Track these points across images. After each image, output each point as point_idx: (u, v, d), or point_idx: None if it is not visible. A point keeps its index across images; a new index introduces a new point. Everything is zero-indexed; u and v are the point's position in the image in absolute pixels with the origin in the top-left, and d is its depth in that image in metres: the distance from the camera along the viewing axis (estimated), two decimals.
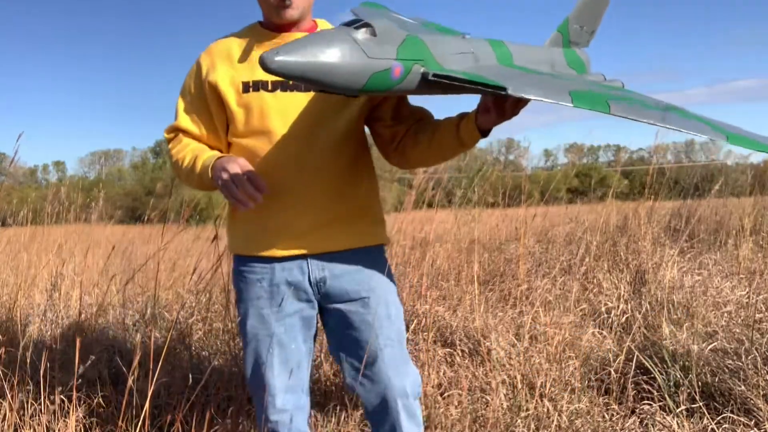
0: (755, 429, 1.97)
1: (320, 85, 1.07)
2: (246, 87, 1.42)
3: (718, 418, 2.00)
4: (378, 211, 1.58)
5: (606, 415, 2.12)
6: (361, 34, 1.08)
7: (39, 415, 1.96)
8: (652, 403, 2.16)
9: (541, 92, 1.12)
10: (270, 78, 1.39)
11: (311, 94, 1.42)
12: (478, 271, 3.44)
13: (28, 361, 2.22)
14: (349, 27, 1.09)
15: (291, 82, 1.40)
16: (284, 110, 1.42)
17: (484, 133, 1.35)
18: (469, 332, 2.77)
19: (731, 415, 2.00)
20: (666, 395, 2.16)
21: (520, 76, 1.28)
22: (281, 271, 1.45)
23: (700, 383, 2.20)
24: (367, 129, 1.57)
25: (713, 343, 2.42)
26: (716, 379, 2.22)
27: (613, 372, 2.31)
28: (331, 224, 1.45)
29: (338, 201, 1.45)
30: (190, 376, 2.20)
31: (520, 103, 1.25)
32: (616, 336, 2.65)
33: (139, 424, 1.66)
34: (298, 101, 1.42)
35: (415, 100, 1.53)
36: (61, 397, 2.00)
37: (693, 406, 2.09)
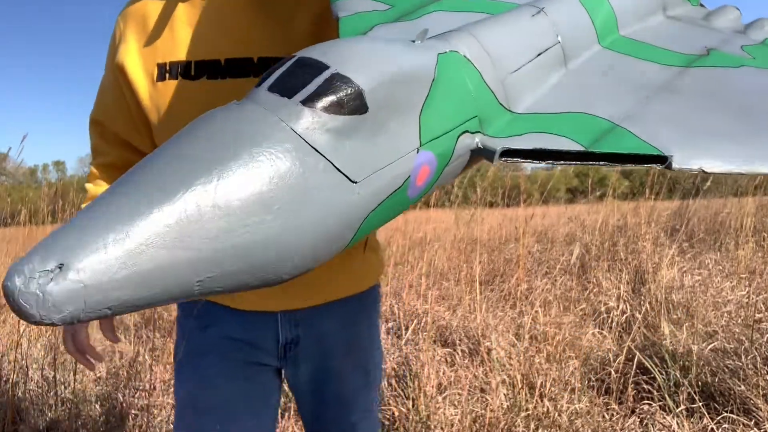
0: (755, 429, 1.97)
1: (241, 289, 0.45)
2: (162, 72, 0.90)
3: (717, 418, 2.00)
4: (372, 236, 1.08)
5: (606, 415, 2.12)
6: (320, 124, 0.43)
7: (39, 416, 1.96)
8: (652, 402, 2.16)
9: (732, 151, 0.53)
10: (195, 57, 0.88)
11: (255, 81, 0.76)
12: (478, 271, 3.44)
13: (28, 361, 2.22)
14: (290, 100, 0.43)
15: (223, 62, 0.86)
16: (209, 109, 0.83)
17: None
18: (469, 332, 2.77)
19: (731, 415, 2.00)
20: (666, 395, 2.16)
21: (664, 93, 0.63)
22: (238, 324, 1.00)
23: (699, 383, 2.20)
24: None
25: (713, 343, 2.42)
26: (716, 379, 2.22)
27: (613, 372, 2.31)
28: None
29: None
30: None
31: None
32: (616, 336, 2.65)
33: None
34: (235, 93, 0.78)
35: None
36: (62, 396, 2.00)
37: (693, 406, 2.09)
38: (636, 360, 2.28)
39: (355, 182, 0.44)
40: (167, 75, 0.90)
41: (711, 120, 0.58)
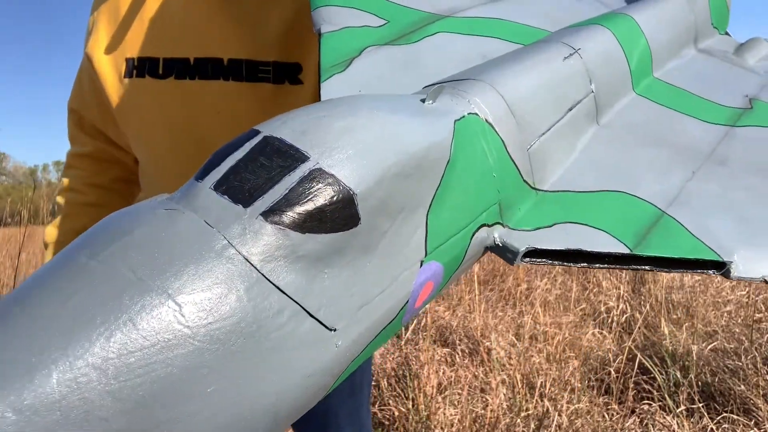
0: (755, 429, 1.97)
1: None
2: (130, 68, 0.82)
3: (717, 418, 2.00)
4: None
5: (606, 415, 2.12)
6: (288, 248, 0.29)
7: None
8: (652, 402, 2.16)
9: None
10: (164, 54, 0.80)
11: (230, 84, 0.77)
12: (478, 270, 3.45)
13: None
14: (246, 210, 0.29)
15: (192, 60, 0.78)
16: (178, 112, 0.80)
17: None
18: (469, 332, 2.77)
19: (731, 415, 2.01)
20: (666, 395, 2.16)
21: (712, 164, 0.55)
22: None
23: (699, 383, 2.20)
24: None
25: (713, 343, 2.42)
26: (716, 379, 2.22)
27: (613, 372, 2.31)
28: None
29: None
30: None
31: None
32: (616, 336, 2.65)
33: None
34: (204, 96, 0.79)
35: None
36: None
37: (693, 406, 2.09)
38: (636, 360, 2.28)
39: (334, 330, 0.30)
40: (135, 72, 0.82)
41: None
